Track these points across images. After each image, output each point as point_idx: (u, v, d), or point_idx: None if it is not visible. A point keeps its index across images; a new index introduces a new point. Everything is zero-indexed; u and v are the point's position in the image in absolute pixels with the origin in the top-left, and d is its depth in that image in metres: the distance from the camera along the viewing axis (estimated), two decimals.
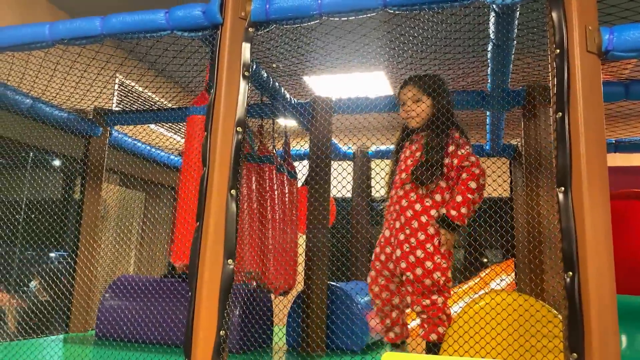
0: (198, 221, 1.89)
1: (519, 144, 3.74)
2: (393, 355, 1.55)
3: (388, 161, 2.56)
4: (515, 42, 2.21)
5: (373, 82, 4.87)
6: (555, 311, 1.63)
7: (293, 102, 3.07)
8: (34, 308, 3.50)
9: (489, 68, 2.57)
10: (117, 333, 3.00)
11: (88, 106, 3.46)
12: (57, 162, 3.92)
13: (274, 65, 3.06)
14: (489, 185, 2.30)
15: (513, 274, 4.65)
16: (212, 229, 1.85)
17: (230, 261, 1.84)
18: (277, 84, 2.88)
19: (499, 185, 2.43)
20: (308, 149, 3.07)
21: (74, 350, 2.77)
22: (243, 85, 1.96)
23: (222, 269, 1.82)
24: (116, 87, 4.02)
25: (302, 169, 3.69)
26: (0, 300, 3.95)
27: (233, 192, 1.88)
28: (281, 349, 3.14)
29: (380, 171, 2.65)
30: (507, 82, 2.70)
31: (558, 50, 1.64)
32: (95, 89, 3.26)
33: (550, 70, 1.67)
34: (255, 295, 2.94)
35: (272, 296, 3.16)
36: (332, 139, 4.05)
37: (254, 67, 2.61)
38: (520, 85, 2.88)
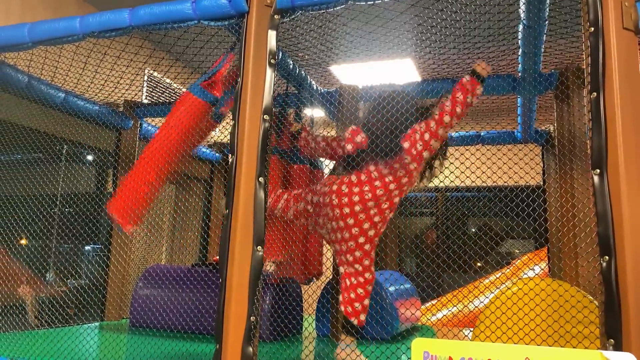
0: (227, 209, 1.91)
1: (551, 129, 3.65)
2: (423, 341, 1.54)
3: None
4: (547, 22, 2.15)
5: (400, 71, 4.81)
6: (590, 297, 1.59)
7: (320, 91, 3.06)
8: (71, 297, 3.61)
9: (520, 51, 2.51)
10: (150, 321, 3.06)
11: (118, 98, 3.52)
12: (90, 156, 4.00)
13: (300, 55, 3.05)
14: (519, 173, 2.25)
15: (544, 263, 4.57)
16: (241, 216, 1.86)
17: (259, 248, 1.85)
18: (303, 72, 2.88)
19: (526, 173, 2.37)
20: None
21: (109, 337, 2.84)
22: (269, 73, 1.96)
23: (251, 255, 1.84)
24: (145, 79, 4.07)
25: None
26: (41, 290, 4.08)
27: (261, 179, 1.89)
28: (310, 335, 3.15)
29: None
30: (539, 65, 2.63)
31: (592, 29, 1.59)
32: (125, 82, 3.31)
33: (584, 49, 1.62)
34: (284, 283, 2.96)
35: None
36: None
37: (280, 55, 2.61)
38: (552, 68, 2.80)
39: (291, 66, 2.74)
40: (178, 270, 3.21)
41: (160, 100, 4.21)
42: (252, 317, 1.80)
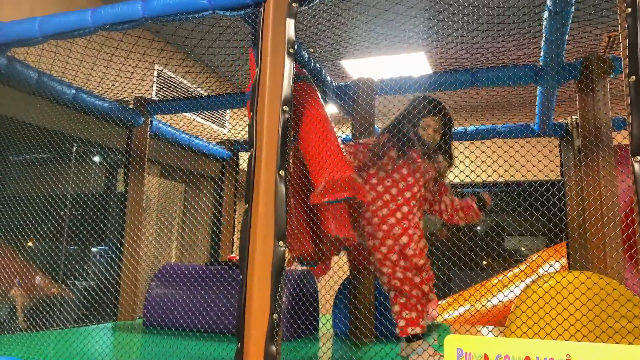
0: (247, 203, 1.84)
1: (569, 122, 3.57)
2: (456, 337, 1.47)
3: None
4: (574, 8, 2.07)
5: (413, 65, 4.74)
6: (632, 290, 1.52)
7: (334, 84, 3.00)
8: (80, 298, 3.56)
9: (543, 39, 2.44)
10: (164, 321, 3.01)
11: (128, 95, 3.47)
12: (99, 155, 3.94)
13: (312, 50, 2.98)
14: (537, 166, 2.18)
15: (560, 260, 4.48)
16: (261, 211, 1.80)
17: (281, 243, 1.78)
18: (318, 65, 2.81)
19: (545, 166, 2.28)
20: (350, 136, 3.00)
21: (122, 338, 2.78)
22: (288, 63, 1.90)
23: (273, 251, 1.78)
24: (155, 74, 4.01)
25: None
26: (49, 291, 4.03)
27: (282, 172, 1.83)
28: (327, 334, 3.09)
29: None
30: (563, 54, 2.55)
31: (630, 9, 1.51)
32: (135, 78, 3.26)
33: (620, 31, 1.55)
34: (301, 281, 2.90)
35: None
36: (376, 125, 3.98)
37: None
38: (576, 58, 2.73)
39: (306, 58, 2.67)
40: (193, 268, 3.15)
41: (171, 97, 4.14)
42: (274, 315, 1.74)
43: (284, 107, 1.86)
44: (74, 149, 3.79)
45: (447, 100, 2.68)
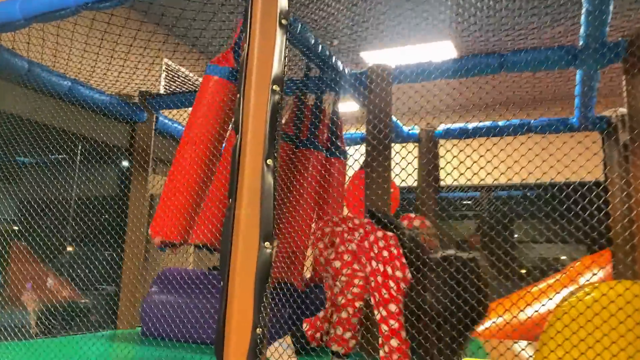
0: (230, 198, 1.59)
1: (614, 114, 3.21)
2: None
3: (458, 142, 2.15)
4: None
5: (438, 55, 4.37)
6: None
7: (346, 72, 2.73)
8: (88, 305, 3.37)
9: (583, 16, 2.12)
10: (163, 330, 2.77)
11: (134, 90, 3.28)
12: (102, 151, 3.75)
13: (334, 43, 2.74)
14: (576, 163, 1.84)
15: (603, 268, 4.07)
16: (245, 206, 1.54)
17: (267, 244, 1.52)
18: (327, 50, 2.55)
19: (586, 161, 1.94)
20: (364, 131, 2.72)
21: (116, 348, 2.56)
22: (280, 36, 1.64)
23: (257, 253, 1.51)
24: (163, 68, 3.81)
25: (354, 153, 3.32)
26: (60, 295, 3.87)
27: (269, 162, 1.56)
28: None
29: (449, 155, 2.24)
30: (605, 32, 2.22)
31: None
32: (142, 71, 3.06)
33: None
34: (307, 293, 2.62)
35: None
36: (394, 118, 3.67)
37: (299, 27, 2.29)
38: (619, 37, 2.38)
39: (312, 42, 2.41)
40: (194, 274, 2.91)
41: (179, 90, 3.92)
42: (257, 329, 1.47)
43: (273, 87, 1.60)
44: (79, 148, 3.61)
45: (473, 97, 2.38)
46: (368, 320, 2.47)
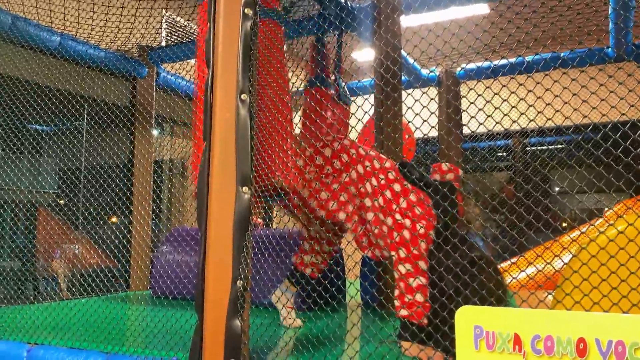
0: (205, 140, 1.43)
1: None
2: (471, 310, 1.00)
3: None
4: None
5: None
6: None
7: (349, 6, 2.49)
8: (103, 269, 3.33)
9: None
10: (171, 290, 2.69)
11: (133, 46, 3.12)
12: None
13: None
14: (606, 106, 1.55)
15: None
16: (218, 148, 1.38)
17: (245, 189, 1.36)
18: None
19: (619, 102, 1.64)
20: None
21: (128, 309, 2.49)
22: None
23: (234, 199, 1.36)
24: (164, 20, 3.61)
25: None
26: (87, 262, 3.86)
27: (244, 96, 1.39)
28: (353, 303, 2.67)
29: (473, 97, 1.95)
30: None
31: None
32: (141, 23, 2.89)
33: None
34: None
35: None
36: (410, 60, 3.41)
37: None
38: None
39: None
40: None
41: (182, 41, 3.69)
42: (238, 282, 1.33)
43: (245, 10, 1.41)
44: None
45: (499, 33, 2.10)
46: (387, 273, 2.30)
